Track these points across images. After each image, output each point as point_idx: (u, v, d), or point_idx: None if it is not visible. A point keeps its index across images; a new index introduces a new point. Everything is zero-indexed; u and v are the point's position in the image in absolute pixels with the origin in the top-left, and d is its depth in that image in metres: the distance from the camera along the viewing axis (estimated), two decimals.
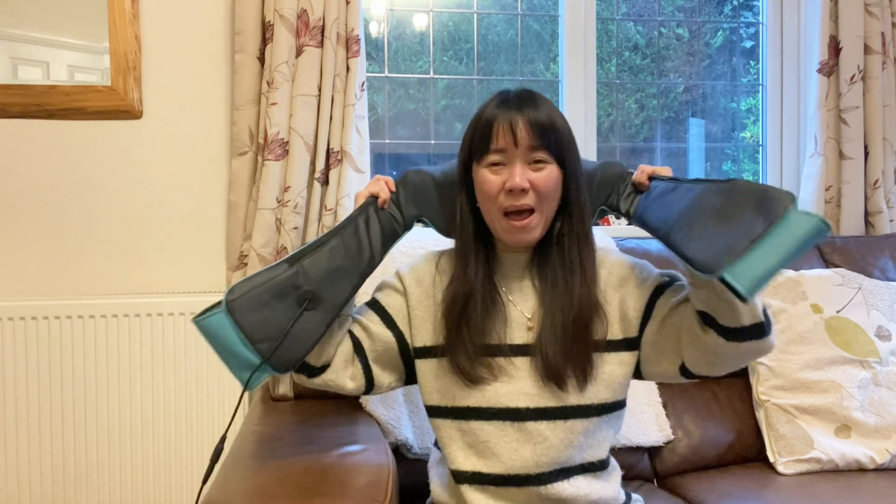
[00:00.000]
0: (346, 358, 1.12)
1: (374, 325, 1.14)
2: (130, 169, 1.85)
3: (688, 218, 0.96)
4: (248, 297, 1.01)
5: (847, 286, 1.65)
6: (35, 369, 1.69)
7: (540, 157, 1.04)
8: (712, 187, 0.97)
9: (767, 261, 0.84)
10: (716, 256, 0.88)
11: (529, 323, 1.09)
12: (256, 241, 1.76)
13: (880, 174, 2.07)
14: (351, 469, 1.09)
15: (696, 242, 0.92)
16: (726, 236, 0.88)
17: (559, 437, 1.05)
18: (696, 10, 2.37)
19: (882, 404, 1.53)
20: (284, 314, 1.01)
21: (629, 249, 1.73)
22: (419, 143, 2.21)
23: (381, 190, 1.15)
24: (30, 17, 1.77)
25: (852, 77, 2.05)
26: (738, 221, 0.89)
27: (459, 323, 1.07)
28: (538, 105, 1.05)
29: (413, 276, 1.16)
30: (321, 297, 1.04)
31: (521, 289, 1.12)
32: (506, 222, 1.06)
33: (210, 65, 1.87)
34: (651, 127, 2.37)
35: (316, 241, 1.07)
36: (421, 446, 1.41)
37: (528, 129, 1.03)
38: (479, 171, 1.07)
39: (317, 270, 1.05)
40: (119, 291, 1.84)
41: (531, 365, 1.06)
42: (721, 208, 0.92)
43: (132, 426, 1.73)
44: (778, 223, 0.85)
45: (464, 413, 1.08)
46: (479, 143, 1.06)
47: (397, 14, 2.17)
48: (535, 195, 1.04)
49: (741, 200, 0.91)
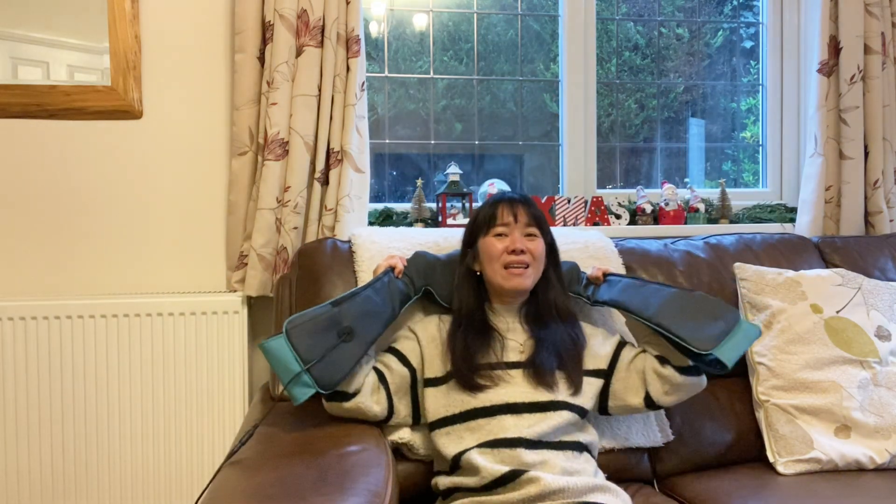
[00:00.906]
0: (373, 386, 1.34)
1: (393, 363, 1.38)
2: (130, 169, 1.85)
3: (668, 313, 1.36)
4: (301, 327, 1.26)
5: (847, 286, 1.65)
6: (35, 369, 1.69)
7: (532, 232, 1.41)
8: (679, 293, 1.40)
9: (737, 349, 1.33)
10: (706, 339, 1.32)
11: (521, 348, 1.38)
12: (256, 240, 1.76)
13: (880, 174, 2.07)
14: (351, 469, 1.09)
15: (686, 331, 1.33)
16: (705, 331, 1.33)
17: (548, 422, 1.29)
18: (696, 10, 2.38)
19: (882, 404, 1.53)
20: (328, 342, 1.26)
21: (628, 250, 1.73)
22: (419, 143, 2.21)
23: (396, 263, 1.44)
24: (30, 17, 1.77)
25: (852, 77, 2.05)
26: (707, 323, 1.34)
27: (462, 349, 1.34)
28: (527, 199, 1.44)
29: (421, 326, 1.43)
30: (356, 332, 1.29)
31: (514, 329, 1.41)
32: (506, 272, 1.38)
33: (210, 65, 1.87)
34: (651, 127, 2.37)
35: (352, 291, 1.34)
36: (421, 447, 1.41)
37: (524, 212, 1.41)
38: (486, 239, 1.40)
39: (353, 312, 1.31)
40: (119, 291, 1.84)
41: (524, 374, 1.34)
42: (691, 311, 1.36)
43: (132, 425, 1.74)
44: (735, 326, 1.34)
45: (471, 414, 1.30)
46: (486, 219, 1.41)
47: (397, 14, 2.17)
48: (529, 256, 1.38)
49: (705, 310, 1.36)
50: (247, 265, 1.79)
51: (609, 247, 1.69)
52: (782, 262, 1.77)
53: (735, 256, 1.76)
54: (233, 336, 1.77)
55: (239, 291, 1.81)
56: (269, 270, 1.78)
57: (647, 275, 1.69)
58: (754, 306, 1.64)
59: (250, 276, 1.77)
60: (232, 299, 1.77)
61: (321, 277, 1.54)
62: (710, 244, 1.81)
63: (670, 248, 1.78)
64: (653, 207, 2.11)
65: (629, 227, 2.08)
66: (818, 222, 2.06)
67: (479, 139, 2.22)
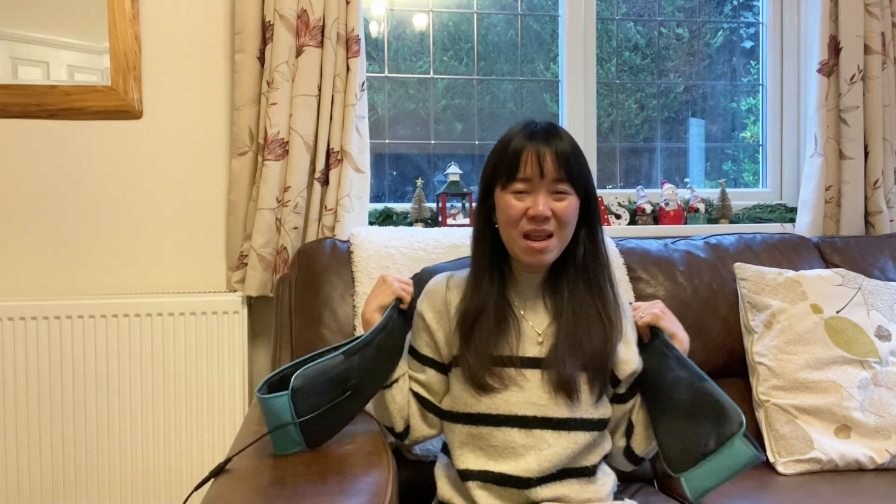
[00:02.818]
0: (420, 415, 1.23)
1: (420, 375, 1.23)
2: (130, 169, 1.85)
3: (666, 405, 1.16)
4: (308, 386, 1.09)
5: (847, 286, 1.65)
6: (35, 369, 1.69)
7: (562, 189, 1.12)
8: (686, 380, 1.15)
9: (713, 477, 1.10)
10: (681, 459, 1.12)
11: (539, 338, 1.16)
12: (256, 241, 1.76)
13: (880, 174, 2.07)
14: (351, 469, 1.09)
15: (671, 438, 1.14)
16: (688, 443, 1.12)
17: (562, 445, 1.12)
18: (696, 10, 2.37)
19: (882, 404, 1.53)
20: (329, 398, 1.11)
21: (629, 250, 1.73)
22: (419, 143, 2.21)
23: (400, 293, 1.22)
24: (30, 17, 1.77)
25: (852, 77, 2.05)
26: (700, 430, 1.11)
27: (471, 335, 1.14)
28: (562, 138, 1.13)
29: (428, 304, 1.23)
30: (360, 390, 1.16)
31: (534, 307, 1.19)
32: (524, 243, 1.12)
33: (210, 65, 1.87)
34: (651, 127, 2.37)
35: (366, 339, 1.16)
36: (422, 448, 1.41)
37: (554, 162, 1.10)
38: (504, 196, 1.13)
39: (364, 366, 1.15)
40: (119, 291, 1.84)
41: (542, 377, 1.13)
42: (689, 407, 1.13)
43: (132, 425, 1.73)
44: (725, 446, 1.08)
45: (474, 419, 1.15)
46: (505, 170, 1.13)
47: (397, 14, 2.17)
48: (555, 222, 1.12)
49: (703, 407, 1.11)
50: (247, 265, 1.79)
51: (610, 247, 1.69)
52: (782, 262, 1.77)
53: (735, 256, 1.76)
54: (233, 336, 1.77)
55: (239, 291, 1.81)
56: (269, 270, 1.78)
57: (647, 274, 1.69)
58: (754, 306, 1.64)
59: (250, 276, 1.77)
60: (232, 299, 1.77)
61: (320, 277, 1.54)
62: (710, 244, 1.81)
63: (670, 248, 1.78)
64: (653, 207, 2.11)
65: (629, 227, 2.08)
66: (818, 222, 2.06)
67: (479, 139, 2.23)
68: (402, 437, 1.24)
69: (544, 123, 1.16)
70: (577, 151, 1.14)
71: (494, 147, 1.18)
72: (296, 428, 1.08)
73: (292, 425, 1.08)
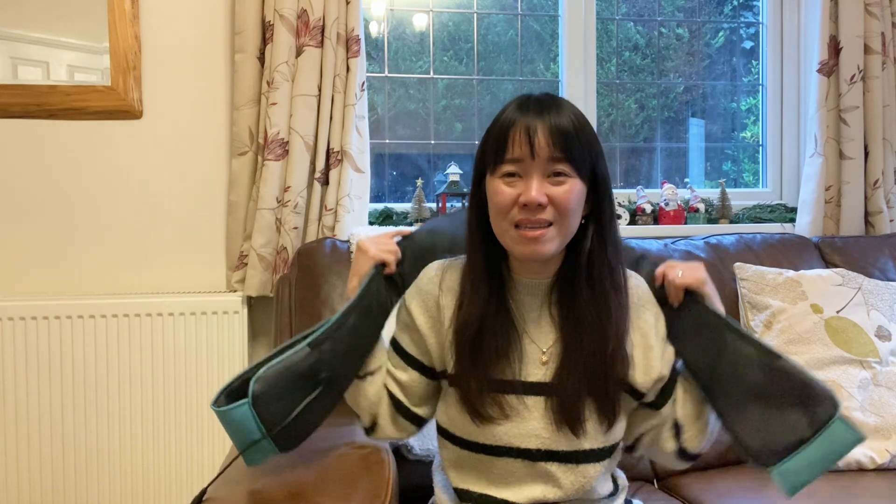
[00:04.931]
0: (390, 417, 1.09)
1: (401, 373, 1.08)
2: (130, 169, 1.85)
3: (733, 389, 0.99)
4: (272, 389, 0.96)
5: (847, 286, 1.65)
6: (35, 369, 1.69)
7: (560, 170, 0.93)
8: (756, 358, 0.97)
9: (811, 470, 0.94)
10: (768, 452, 0.96)
11: (544, 357, 1.00)
12: (256, 241, 1.76)
13: (880, 174, 2.07)
14: (351, 469, 1.09)
15: (747, 427, 0.98)
16: (773, 432, 0.96)
17: (570, 479, 1.00)
18: (696, 10, 2.37)
19: (882, 404, 1.53)
20: (299, 399, 0.99)
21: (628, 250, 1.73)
22: (419, 143, 2.21)
23: (386, 258, 1.08)
24: (30, 17, 1.77)
25: (852, 77, 2.05)
26: (784, 415, 0.95)
27: (470, 356, 0.99)
28: (561, 110, 0.95)
29: (419, 304, 1.06)
30: (334, 381, 1.03)
31: (539, 320, 1.02)
32: (516, 232, 0.94)
33: (210, 65, 1.87)
34: (651, 127, 2.37)
35: (336, 322, 1.02)
36: (421, 447, 1.41)
37: (547, 138, 0.92)
38: (493, 182, 0.96)
39: (336, 355, 1.01)
40: (119, 291, 1.84)
41: (545, 405, 0.98)
42: (764, 390, 0.97)
43: (132, 425, 1.73)
44: (823, 431, 0.92)
45: (473, 447, 1.02)
46: (493, 151, 0.96)
47: (397, 14, 2.17)
48: (553, 211, 0.93)
49: (786, 389, 0.96)
50: (247, 265, 1.79)
51: None
52: (782, 262, 1.77)
53: (735, 256, 1.76)
54: (233, 336, 1.77)
55: (239, 291, 1.81)
56: (269, 270, 1.78)
57: None
58: (754, 306, 1.64)
59: (250, 276, 1.77)
60: (232, 299, 1.77)
61: (320, 277, 1.55)
62: (710, 244, 1.81)
63: (670, 248, 1.78)
64: (653, 207, 2.11)
65: (629, 227, 2.08)
66: (818, 222, 2.06)
67: (478, 139, 2.22)
68: (367, 432, 1.10)
69: (540, 94, 0.98)
70: (581, 126, 0.95)
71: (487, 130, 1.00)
72: (268, 442, 0.97)
73: (265, 440, 0.96)
